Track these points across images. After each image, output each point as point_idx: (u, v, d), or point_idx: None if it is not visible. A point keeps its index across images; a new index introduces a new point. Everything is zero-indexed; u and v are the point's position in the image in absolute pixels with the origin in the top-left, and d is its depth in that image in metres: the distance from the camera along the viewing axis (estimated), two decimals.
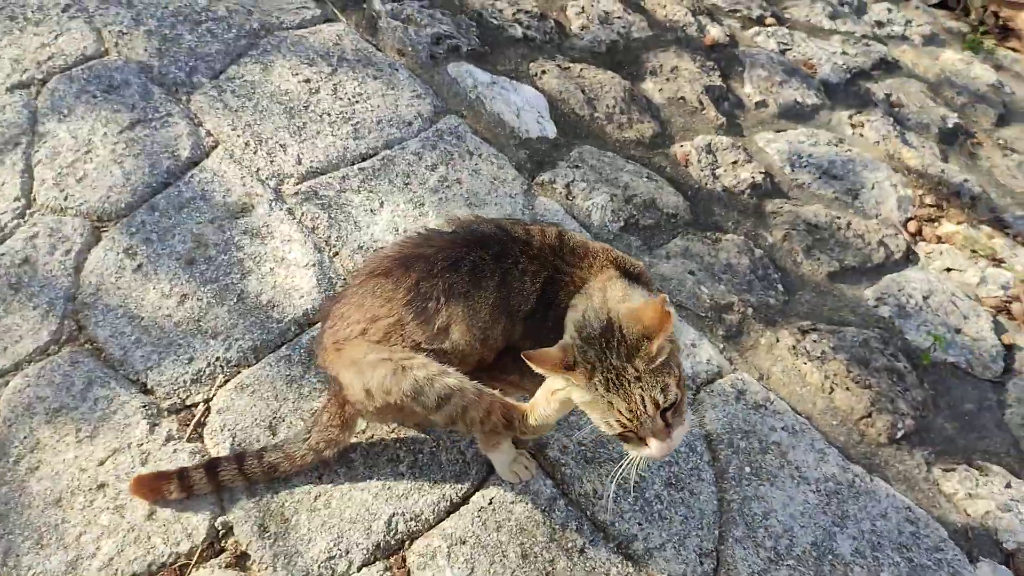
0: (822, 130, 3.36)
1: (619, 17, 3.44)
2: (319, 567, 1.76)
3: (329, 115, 2.51)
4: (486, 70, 2.87)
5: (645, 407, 1.35)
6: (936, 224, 3.07)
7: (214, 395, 1.98)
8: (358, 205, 2.31)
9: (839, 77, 3.71)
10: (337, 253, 2.21)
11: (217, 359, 2.01)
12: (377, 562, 1.78)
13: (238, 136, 2.40)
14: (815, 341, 2.35)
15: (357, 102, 2.57)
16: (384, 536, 1.81)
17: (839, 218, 2.85)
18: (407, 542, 1.81)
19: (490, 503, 1.86)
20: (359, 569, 1.77)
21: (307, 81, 2.59)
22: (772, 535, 1.87)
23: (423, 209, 2.34)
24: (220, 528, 1.81)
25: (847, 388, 2.24)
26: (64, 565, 1.75)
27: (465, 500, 1.87)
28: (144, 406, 1.95)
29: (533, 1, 3.33)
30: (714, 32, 3.72)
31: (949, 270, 2.85)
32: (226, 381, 1.99)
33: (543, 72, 3.02)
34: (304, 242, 2.20)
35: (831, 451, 2.07)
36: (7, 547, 1.77)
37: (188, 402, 1.97)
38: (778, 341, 2.34)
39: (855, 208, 3.00)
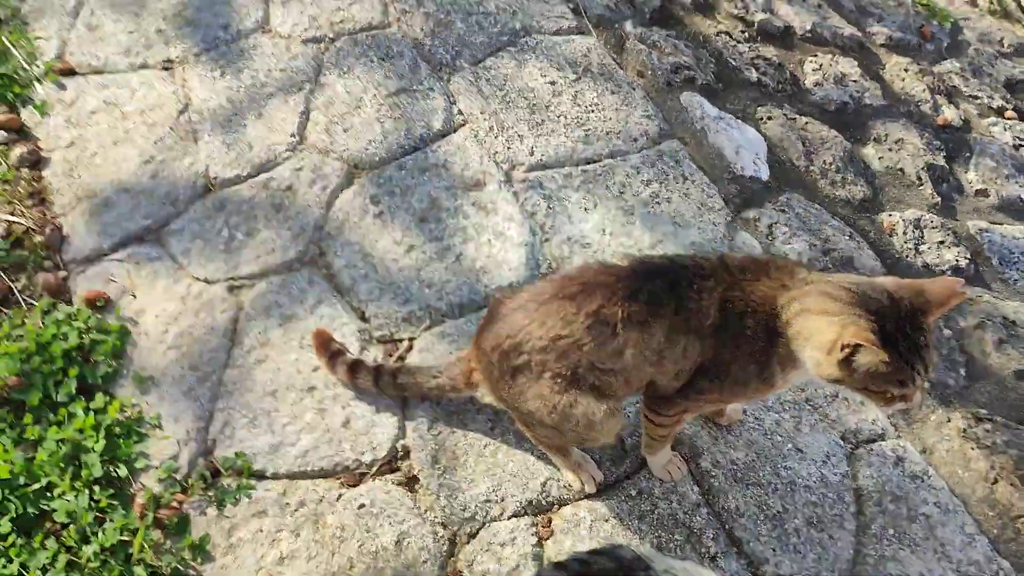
0: None
1: (855, 81, 3.48)
2: (476, 506, 1.98)
3: (565, 117, 2.74)
4: (715, 105, 3.02)
5: (928, 369, 1.50)
6: None
7: (419, 336, 2.24)
8: (575, 202, 2.52)
9: None
10: (548, 239, 2.43)
11: (428, 306, 2.28)
12: (527, 516, 1.98)
13: (484, 120, 2.67)
14: (988, 431, 2.33)
15: (592, 111, 2.79)
16: (538, 495, 2.00)
17: None
18: (556, 506, 2.00)
19: (638, 493, 2.01)
20: (510, 518, 1.97)
21: (552, 83, 2.83)
22: None
23: (631, 218, 2.52)
24: (400, 450, 2.06)
25: (1012, 484, 2.22)
26: (269, 446, 2.06)
27: (615, 484, 2.03)
28: (359, 331, 2.24)
29: (774, 50, 3.44)
30: (949, 114, 3.67)
31: None
32: (431, 326, 2.25)
33: (769, 118, 3.13)
34: (522, 223, 2.44)
35: (981, 538, 2.08)
36: (227, 419, 2.10)
37: (396, 336, 2.25)
38: (949, 421, 2.35)
39: None
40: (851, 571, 1.94)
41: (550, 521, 1.98)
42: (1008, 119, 3.87)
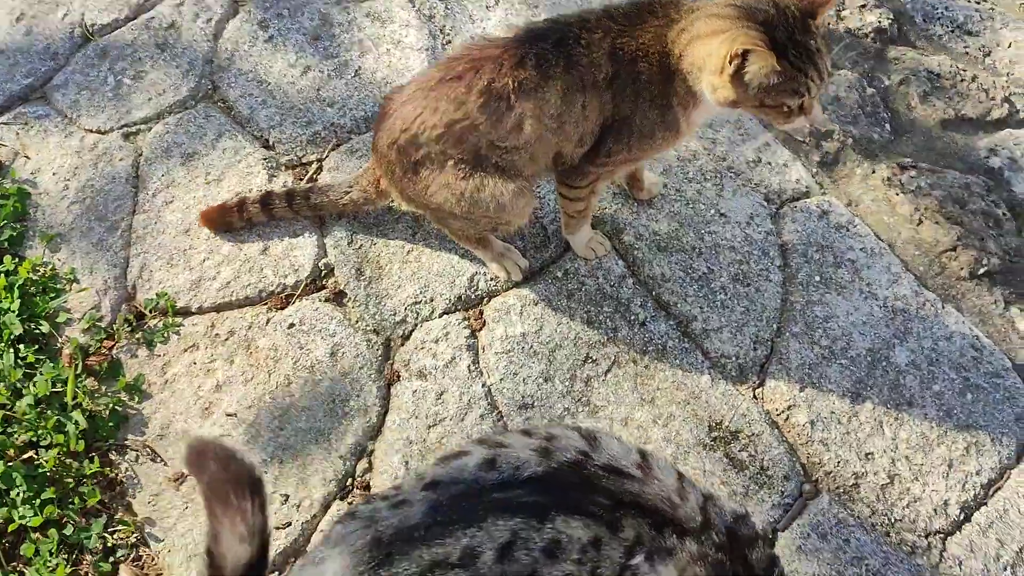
0: None
1: None
2: (405, 309, 1.97)
3: None
4: None
5: (822, 76, 1.46)
6: None
7: (327, 156, 2.18)
8: (475, 1, 2.41)
9: None
10: (450, 41, 2.33)
11: (332, 124, 2.20)
12: (457, 312, 1.98)
13: None
14: (912, 177, 2.34)
15: None
16: (466, 290, 1.99)
17: (964, 70, 2.75)
18: (486, 299, 1.99)
19: (564, 274, 2.01)
20: (440, 315, 1.97)
21: None
22: (829, 336, 1.95)
23: (536, 11, 2.42)
24: (323, 268, 2.04)
25: (936, 222, 2.24)
26: (189, 283, 2.03)
27: (541, 271, 2.02)
28: (265, 159, 2.17)
29: None
30: None
31: None
32: (338, 144, 2.19)
33: None
34: (420, 28, 2.33)
35: (907, 276, 2.11)
36: (143, 263, 2.06)
37: (304, 160, 2.18)
38: (874, 172, 2.34)
39: (985, 65, 2.87)
40: (779, 319, 1.97)
41: (481, 313, 1.98)
42: None
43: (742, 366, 1.90)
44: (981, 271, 2.19)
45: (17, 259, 2.06)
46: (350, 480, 1.81)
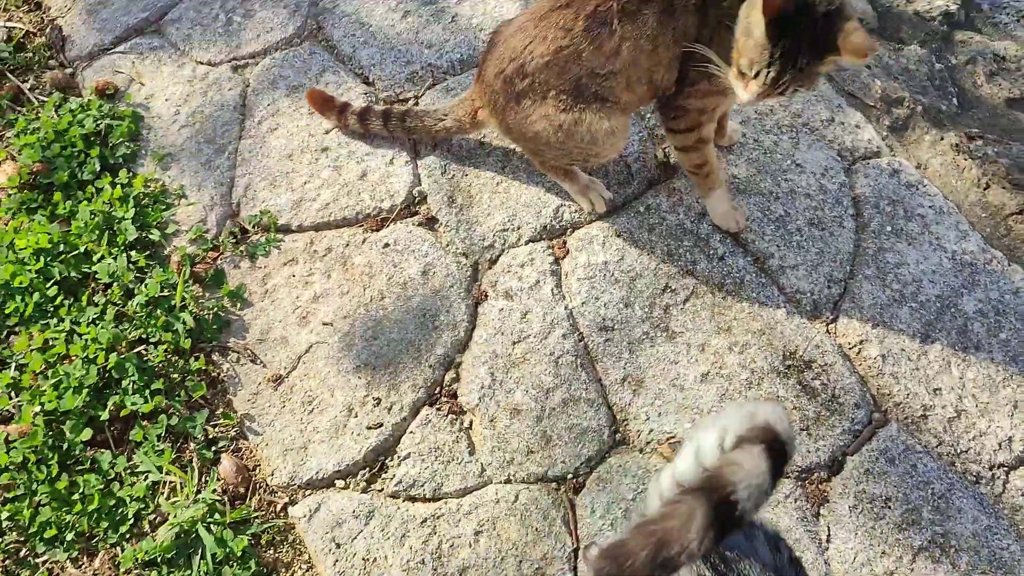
0: None
1: None
2: (493, 235, 2.08)
3: None
4: None
5: (781, 76, 1.54)
6: None
7: (423, 94, 2.30)
8: None
9: None
10: None
11: (429, 64, 2.33)
12: (542, 240, 2.08)
13: None
14: (980, 145, 2.41)
15: None
16: (551, 221, 2.09)
17: None
18: (569, 229, 2.10)
19: (646, 209, 2.11)
20: (527, 243, 2.07)
21: None
22: (900, 281, 2.03)
23: None
24: (417, 195, 2.16)
25: (1003, 187, 2.32)
26: (290, 203, 2.15)
27: (624, 205, 2.13)
28: (365, 94, 2.30)
29: None
30: None
31: None
32: (434, 84, 2.31)
33: None
34: None
35: (974, 235, 2.18)
36: (248, 183, 2.18)
37: (401, 96, 2.31)
38: (942, 139, 2.42)
39: None
40: (851, 261, 2.06)
41: (565, 243, 2.08)
42: None
43: (816, 302, 1.99)
44: None
45: (131, 174, 2.19)
46: (438, 388, 1.91)
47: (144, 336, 1.98)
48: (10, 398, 1.89)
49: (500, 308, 1.99)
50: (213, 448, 1.88)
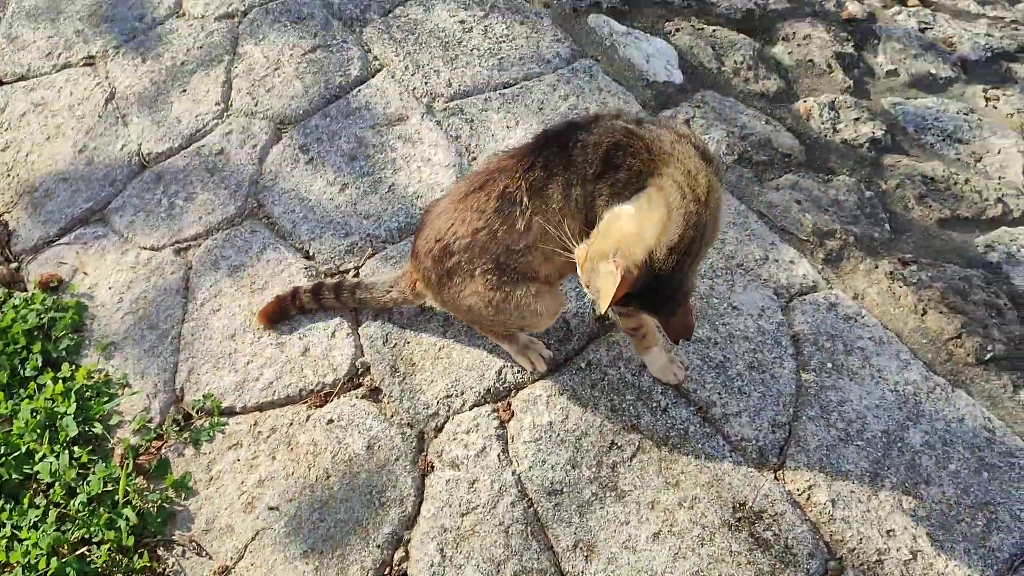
0: (953, 100, 3.41)
1: None
2: (437, 402, 2.08)
3: (478, 50, 2.86)
4: (623, 23, 3.14)
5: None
6: None
7: (363, 264, 2.34)
8: (497, 122, 2.64)
9: (979, 55, 3.71)
10: (475, 158, 2.54)
11: (368, 235, 2.38)
12: (487, 404, 2.08)
13: (400, 61, 2.78)
14: (914, 271, 2.46)
15: (503, 42, 2.90)
16: (495, 383, 2.10)
17: (957, 174, 2.92)
18: (513, 390, 2.10)
19: (587, 365, 2.12)
20: (471, 408, 2.07)
21: (462, 22, 2.94)
22: (845, 419, 2.04)
23: None
24: (359, 367, 2.16)
25: (940, 312, 2.35)
26: (234, 384, 2.15)
27: (566, 362, 2.14)
28: (306, 267, 2.34)
29: None
30: (853, 8, 3.81)
31: None
32: (374, 253, 2.36)
33: (677, 30, 3.26)
34: (448, 147, 2.55)
35: (915, 363, 2.20)
36: (191, 367, 2.19)
37: (341, 268, 2.35)
38: (877, 268, 2.47)
39: (976, 169, 3.05)
40: (794, 403, 2.06)
41: (509, 405, 2.08)
42: (911, 6, 4.02)
43: (762, 448, 1.98)
44: (987, 357, 2.28)
45: (74, 366, 2.20)
46: (388, 569, 1.87)
47: (87, 536, 1.94)
48: None
49: (447, 479, 1.97)
50: None
